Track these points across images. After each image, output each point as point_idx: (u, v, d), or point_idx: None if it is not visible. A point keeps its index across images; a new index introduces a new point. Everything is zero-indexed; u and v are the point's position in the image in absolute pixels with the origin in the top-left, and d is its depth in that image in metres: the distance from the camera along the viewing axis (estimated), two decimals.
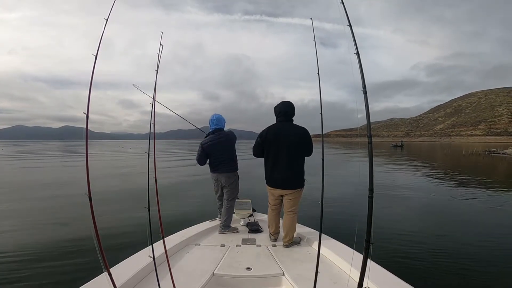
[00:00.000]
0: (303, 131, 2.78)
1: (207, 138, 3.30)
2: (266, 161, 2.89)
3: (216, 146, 3.23)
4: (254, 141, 2.98)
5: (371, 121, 1.38)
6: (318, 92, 1.90)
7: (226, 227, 3.21)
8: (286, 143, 2.74)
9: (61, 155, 30.33)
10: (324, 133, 1.97)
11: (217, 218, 3.50)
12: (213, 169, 3.32)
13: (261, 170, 2.98)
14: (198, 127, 3.84)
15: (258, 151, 2.93)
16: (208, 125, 3.40)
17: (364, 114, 1.35)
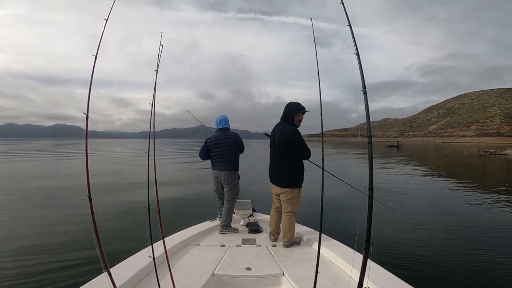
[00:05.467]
0: (288, 132, 2.73)
1: (211, 135, 3.40)
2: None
3: (220, 143, 3.32)
4: (248, 140, 3.03)
5: (363, 121, 1.39)
6: (313, 92, 1.92)
7: (227, 227, 3.22)
8: (276, 142, 2.81)
9: (54, 154, 29.92)
10: (318, 132, 1.97)
11: (217, 218, 3.51)
12: (214, 165, 3.40)
13: (260, 172, 2.99)
14: (193, 126, 3.92)
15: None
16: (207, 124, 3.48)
17: (359, 114, 1.36)
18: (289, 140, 2.71)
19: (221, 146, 3.32)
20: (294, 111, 2.77)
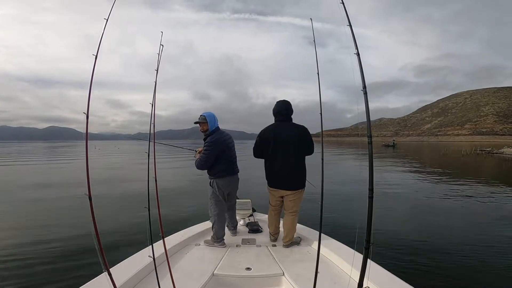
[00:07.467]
0: (302, 130, 2.73)
1: (214, 135, 2.81)
2: (265, 161, 2.85)
3: (227, 144, 2.89)
4: (245, 141, 2.93)
5: (361, 121, 1.39)
6: (309, 93, 1.92)
7: (236, 227, 3.20)
8: (284, 142, 2.69)
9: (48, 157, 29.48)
10: (315, 133, 1.97)
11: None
12: (228, 171, 2.88)
13: (257, 172, 2.94)
14: (189, 128, 3.76)
15: (257, 152, 2.88)
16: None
17: (355, 113, 1.36)
18: (306, 137, 2.70)
19: (230, 147, 2.92)
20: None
